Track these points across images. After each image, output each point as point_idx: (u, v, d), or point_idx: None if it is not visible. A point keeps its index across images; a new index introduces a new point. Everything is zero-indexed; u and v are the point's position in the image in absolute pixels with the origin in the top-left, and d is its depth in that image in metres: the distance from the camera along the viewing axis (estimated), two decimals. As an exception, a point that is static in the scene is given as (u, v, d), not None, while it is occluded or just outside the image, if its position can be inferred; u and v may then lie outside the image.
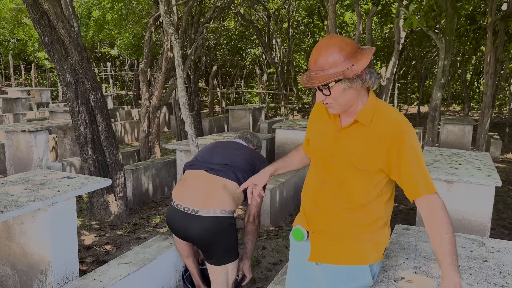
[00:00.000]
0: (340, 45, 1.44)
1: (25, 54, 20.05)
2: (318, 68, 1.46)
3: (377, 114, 1.55)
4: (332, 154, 1.61)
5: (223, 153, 2.45)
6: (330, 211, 1.63)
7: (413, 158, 1.49)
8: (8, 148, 5.93)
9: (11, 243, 2.77)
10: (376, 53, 18.50)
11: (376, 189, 1.58)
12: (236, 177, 2.31)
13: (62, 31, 3.78)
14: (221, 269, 2.30)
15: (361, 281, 1.62)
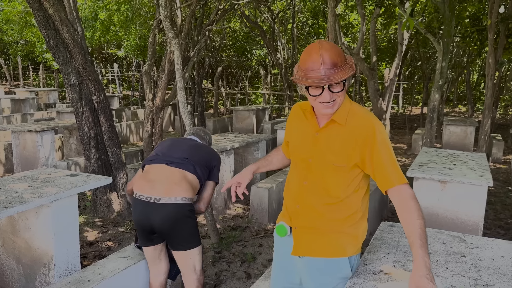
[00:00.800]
0: (336, 46, 1.58)
1: (34, 55, 20.35)
2: (330, 66, 1.52)
3: (350, 114, 1.67)
4: (312, 154, 1.72)
5: (182, 149, 2.60)
6: (311, 207, 1.74)
7: (384, 152, 1.62)
8: (15, 147, 6.10)
9: (16, 237, 2.91)
10: (381, 54, 18.54)
11: (353, 184, 1.70)
12: (195, 169, 2.48)
13: (66, 34, 3.92)
14: (186, 255, 2.41)
15: (341, 272, 1.72)
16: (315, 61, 1.53)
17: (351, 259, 1.74)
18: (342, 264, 1.72)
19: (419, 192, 3.89)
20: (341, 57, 1.55)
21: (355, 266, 1.78)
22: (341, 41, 10.28)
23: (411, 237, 1.52)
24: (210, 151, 2.74)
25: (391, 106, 12.11)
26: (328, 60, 1.52)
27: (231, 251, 3.74)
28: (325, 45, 1.55)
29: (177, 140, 2.73)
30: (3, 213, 2.37)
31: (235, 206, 4.99)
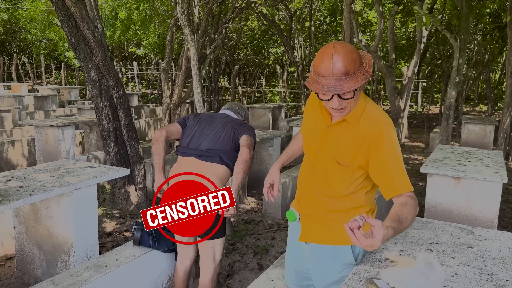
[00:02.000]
0: (352, 49, 1.48)
1: (56, 54, 20.84)
2: (342, 74, 1.45)
3: (364, 115, 1.65)
4: (321, 146, 1.75)
5: (209, 137, 2.62)
6: (315, 197, 1.80)
7: (391, 158, 1.59)
8: (38, 142, 6.30)
9: (39, 225, 3.04)
10: (399, 52, 18.34)
11: (356, 183, 1.72)
12: (221, 159, 2.53)
13: (87, 31, 4.06)
14: (209, 244, 2.50)
15: (343, 259, 1.77)
16: (327, 68, 1.46)
17: (355, 248, 1.78)
18: (345, 252, 1.77)
19: (433, 188, 3.89)
20: (355, 63, 1.47)
21: (360, 255, 1.82)
22: (359, 38, 10.25)
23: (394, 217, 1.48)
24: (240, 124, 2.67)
25: (409, 104, 12.01)
26: (339, 68, 1.45)
27: (244, 243, 3.81)
28: (339, 49, 1.46)
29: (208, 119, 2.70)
30: (26, 200, 2.50)
31: (249, 200, 5.07)
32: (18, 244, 3.19)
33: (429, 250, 1.98)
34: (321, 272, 1.82)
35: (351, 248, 1.77)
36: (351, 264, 1.79)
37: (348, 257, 1.77)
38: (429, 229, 2.26)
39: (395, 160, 1.60)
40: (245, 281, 3.14)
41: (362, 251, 1.84)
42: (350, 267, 1.79)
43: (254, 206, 4.89)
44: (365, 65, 1.51)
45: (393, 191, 1.61)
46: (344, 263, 1.78)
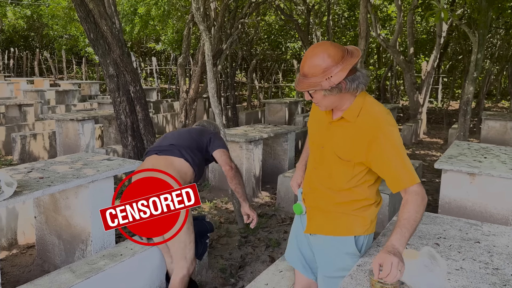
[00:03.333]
0: (323, 56, 1.57)
1: (77, 49, 21.25)
2: (302, 75, 1.63)
3: (363, 112, 1.69)
4: (324, 142, 1.80)
5: (171, 137, 2.70)
6: (319, 191, 1.85)
7: (393, 153, 1.62)
8: (58, 135, 6.48)
9: (58, 215, 3.16)
10: (420, 47, 18.05)
11: (358, 177, 1.76)
12: (181, 153, 2.54)
13: (105, 28, 4.16)
14: (178, 242, 2.46)
15: (346, 249, 1.82)
16: (300, 66, 1.67)
17: (359, 238, 1.82)
18: (348, 242, 1.81)
19: (447, 184, 3.86)
20: (315, 69, 1.59)
21: (365, 245, 1.85)
22: (377, 33, 10.14)
23: (396, 223, 1.59)
24: (201, 131, 2.77)
25: (428, 100, 11.83)
26: (302, 68, 1.64)
27: (257, 236, 3.87)
28: (311, 51, 1.62)
29: (173, 131, 2.86)
30: (46, 191, 2.61)
31: (263, 194, 5.12)
32: (39, 234, 3.32)
33: (436, 245, 1.99)
34: (325, 261, 1.87)
35: (354, 238, 1.81)
36: (355, 255, 1.83)
37: (351, 246, 1.81)
38: (438, 224, 2.27)
39: (396, 155, 1.63)
40: (256, 272, 3.20)
41: (367, 243, 1.87)
42: (354, 258, 1.83)
43: (267, 201, 4.94)
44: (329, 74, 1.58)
45: (397, 186, 1.65)
46: (347, 252, 1.82)
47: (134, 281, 2.57)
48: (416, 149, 8.87)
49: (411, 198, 1.60)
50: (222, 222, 4.23)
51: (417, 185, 1.63)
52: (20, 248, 3.59)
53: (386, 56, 18.28)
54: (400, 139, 1.67)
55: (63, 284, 2.18)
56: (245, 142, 4.92)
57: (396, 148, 1.63)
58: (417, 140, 9.92)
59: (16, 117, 8.58)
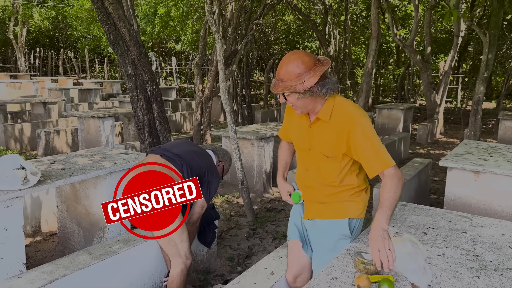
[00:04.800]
0: (297, 63, 1.78)
1: (99, 49, 21.80)
2: (279, 79, 1.82)
3: (335, 111, 1.89)
4: (309, 144, 2.00)
5: (182, 149, 2.73)
6: (315, 188, 2.05)
7: (365, 141, 1.82)
8: (80, 131, 6.80)
9: (78, 204, 3.40)
10: (439, 46, 17.86)
11: (346, 169, 1.96)
12: (182, 167, 2.58)
13: (123, 29, 4.39)
14: (168, 242, 2.50)
15: (341, 230, 2.02)
16: (277, 71, 1.85)
17: (352, 221, 2.02)
18: (342, 224, 2.01)
19: (452, 182, 3.95)
20: (289, 74, 1.78)
21: (356, 228, 2.05)
22: (394, 32, 10.16)
23: (379, 204, 1.80)
24: (211, 166, 2.76)
25: (446, 100, 11.76)
26: (279, 73, 1.82)
27: (265, 229, 4.04)
28: (287, 58, 1.81)
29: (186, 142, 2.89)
30: (67, 180, 2.84)
31: (273, 190, 5.28)
32: (60, 221, 3.56)
33: (424, 234, 2.12)
34: (320, 242, 2.07)
35: (347, 220, 2.01)
36: (347, 236, 2.02)
37: (345, 229, 2.01)
38: (430, 215, 2.40)
39: (370, 143, 1.82)
40: (262, 262, 3.37)
41: (358, 227, 2.06)
42: (346, 239, 2.02)
43: (277, 196, 5.10)
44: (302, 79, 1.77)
45: (372, 171, 1.85)
46: (340, 233, 2.02)
47: (146, 264, 2.77)
48: (431, 148, 8.87)
49: (387, 180, 1.82)
50: (232, 215, 4.42)
51: (392, 168, 1.82)
52: (43, 235, 3.85)
53: (405, 55, 18.16)
54: (371, 128, 1.86)
55: (81, 264, 2.40)
56: (256, 139, 5.09)
57: (368, 136, 1.83)
58: (433, 140, 9.90)
59: (41, 114, 8.97)
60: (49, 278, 2.23)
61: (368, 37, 17.98)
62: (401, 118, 9.38)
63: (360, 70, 18.95)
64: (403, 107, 9.57)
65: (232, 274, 3.19)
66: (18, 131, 7.52)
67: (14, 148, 7.44)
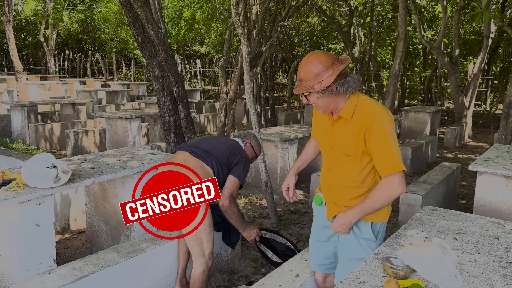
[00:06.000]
0: (315, 63, 1.81)
1: (126, 52, 22.23)
2: (299, 80, 1.87)
3: (358, 109, 1.90)
4: (331, 144, 2.01)
5: (208, 143, 2.78)
6: (337, 189, 2.05)
7: (381, 141, 1.83)
8: (108, 132, 6.95)
9: (106, 203, 3.47)
10: (468, 48, 17.44)
11: (367, 169, 1.95)
12: (212, 164, 2.63)
13: (151, 32, 4.47)
14: (195, 240, 2.51)
15: (364, 235, 2.01)
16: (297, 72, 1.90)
17: (375, 225, 2.01)
18: (365, 228, 2.01)
19: (482, 187, 3.85)
20: (308, 74, 1.82)
21: (381, 232, 2.04)
22: (421, 34, 9.98)
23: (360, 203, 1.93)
24: (236, 149, 2.81)
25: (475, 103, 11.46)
26: (299, 74, 1.87)
27: (289, 231, 4.03)
28: (306, 58, 1.85)
29: (213, 137, 2.98)
30: (96, 179, 2.91)
31: (297, 192, 5.26)
32: (89, 220, 3.65)
33: (454, 239, 2.07)
34: (345, 244, 2.06)
35: (371, 225, 2.00)
36: (372, 240, 2.01)
37: (368, 233, 2.00)
38: (460, 221, 2.34)
39: (384, 143, 1.82)
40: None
41: (382, 230, 2.06)
42: (370, 243, 2.01)
43: (301, 198, 5.08)
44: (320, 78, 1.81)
45: (382, 171, 1.88)
46: (364, 238, 2.01)
47: (172, 262, 2.81)
48: (459, 153, 8.66)
49: (379, 187, 1.88)
50: (256, 216, 4.42)
51: (395, 175, 1.82)
52: (72, 233, 3.95)
53: (432, 57, 17.81)
54: (391, 128, 1.85)
55: (109, 261, 2.45)
56: (280, 141, 5.08)
57: (384, 135, 1.82)
58: (461, 144, 9.66)
59: (70, 115, 9.21)
60: (79, 274, 2.29)
61: (394, 39, 17.73)
62: (428, 121, 9.20)
63: (385, 72, 18.69)
64: (430, 110, 9.38)
65: (256, 276, 3.19)
66: (48, 131, 7.74)
67: (44, 147, 7.66)
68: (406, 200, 4.06)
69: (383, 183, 1.86)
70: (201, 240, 2.52)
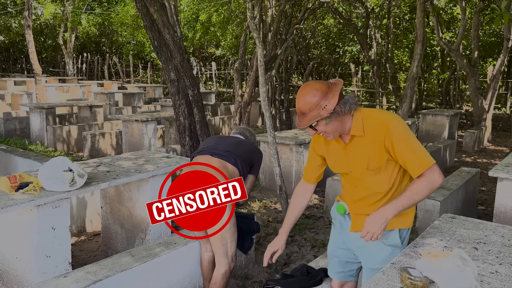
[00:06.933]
0: (312, 92, 1.80)
1: (143, 54, 22.47)
2: (301, 114, 1.85)
3: (366, 123, 1.89)
4: (349, 168, 1.99)
5: (226, 142, 2.78)
6: (365, 202, 2.02)
7: (403, 144, 1.82)
8: (124, 134, 7.01)
9: (121, 206, 3.49)
10: (487, 50, 17.10)
11: (394, 173, 1.93)
12: (236, 162, 2.64)
13: (167, 36, 4.49)
14: (220, 240, 2.51)
15: (390, 241, 2.00)
16: (296, 108, 1.88)
17: (403, 231, 2.01)
18: (392, 235, 1.99)
19: (503, 193, 3.76)
20: (310, 104, 1.79)
21: (405, 239, 2.02)
22: (439, 36, 9.82)
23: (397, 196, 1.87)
24: (253, 147, 2.91)
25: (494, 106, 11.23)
26: (298, 108, 1.84)
27: (303, 236, 3.99)
28: (299, 93, 1.84)
29: (222, 136, 2.98)
30: (112, 183, 2.92)
31: (312, 197, 5.22)
32: (104, 222, 3.67)
33: (474, 249, 2.01)
34: (370, 254, 2.03)
35: (398, 231, 1.99)
36: (398, 247, 2.00)
37: (395, 239, 1.99)
38: (480, 229, 2.27)
39: (406, 145, 1.82)
40: (301, 270, 3.32)
41: (407, 236, 2.04)
42: (396, 249, 1.99)
43: (316, 203, 5.03)
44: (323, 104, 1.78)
45: (414, 172, 1.85)
46: (391, 245, 1.99)
47: (186, 267, 2.80)
48: (479, 157, 8.49)
49: (417, 180, 1.84)
50: (270, 221, 4.40)
51: (429, 169, 1.81)
52: (87, 235, 3.99)
53: (451, 59, 17.53)
54: (405, 129, 1.85)
55: (123, 265, 2.46)
56: (295, 145, 5.05)
57: (403, 138, 1.82)
58: (480, 148, 9.47)
59: (87, 117, 9.33)
60: (93, 278, 2.30)
61: (411, 40, 17.49)
62: (446, 125, 9.04)
63: (402, 74, 18.46)
64: (449, 113, 9.22)
65: (270, 281, 3.16)
66: (66, 133, 7.86)
67: (61, 149, 7.77)
68: (424, 206, 3.98)
69: (423, 179, 1.83)
70: (226, 240, 2.54)
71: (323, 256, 2.67)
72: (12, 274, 2.70)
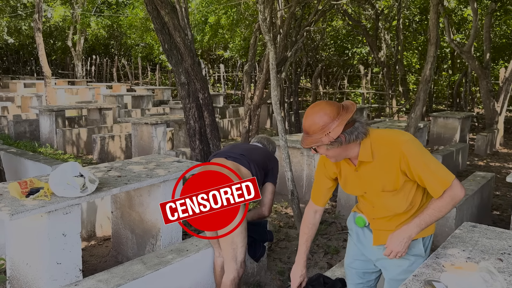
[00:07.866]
0: (320, 115, 1.72)
1: (152, 57, 22.53)
2: (305, 133, 1.78)
3: (375, 147, 1.80)
4: (363, 189, 1.92)
5: (241, 147, 2.81)
6: (384, 219, 1.96)
7: (420, 167, 1.76)
8: (134, 137, 6.99)
9: (132, 211, 3.45)
10: (499, 52, 16.90)
11: (412, 192, 1.86)
12: (249, 165, 2.63)
13: (178, 39, 4.45)
14: (230, 244, 2.49)
15: (414, 251, 1.94)
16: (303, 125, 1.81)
17: (426, 240, 1.96)
18: (416, 245, 1.94)
19: (521, 199, 3.66)
20: (314, 126, 1.72)
21: (428, 247, 1.98)
22: (450, 38, 9.71)
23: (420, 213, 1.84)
24: (268, 154, 2.90)
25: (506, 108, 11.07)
26: (304, 126, 1.78)
27: (316, 243, 3.92)
28: (308, 112, 1.77)
29: (239, 143, 3.02)
30: (123, 188, 2.88)
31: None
32: (114, 227, 3.63)
33: (499, 260, 1.94)
34: (393, 264, 1.97)
35: (422, 240, 1.94)
36: (421, 256, 1.94)
37: (419, 249, 1.93)
38: (504, 239, 2.19)
39: (423, 167, 1.76)
40: (314, 278, 3.25)
41: (430, 242, 2.00)
42: (419, 258, 1.94)
43: (328, 208, 4.96)
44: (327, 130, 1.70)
45: (435, 193, 1.79)
46: (414, 254, 1.94)
47: (197, 275, 2.75)
48: (491, 160, 8.35)
49: (441, 198, 1.78)
50: (282, 226, 4.33)
51: (451, 187, 1.76)
52: (97, 240, 3.95)
53: (461, 61, 17.34)
54: (419, 148, 1.78)
55: (135, 273, 2.41)
56: (306, 149, 4.98)
57: (418, 160, 1.76)
58: (492, 151, 9.32)
59: (97, 120, 9.34)
60: (105, 287, 2.25)
61: (421, 42, 17.35)
62: (458, 128, 8.91)
63: (412, 76, 18.29)
64: (460, 115, 9.09)
65: (283, 289, 3.10)
66: (75, 135, 7.86)
67: (71, 152, 7.77)
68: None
69: (445, 196, 1.78)
70: (236, 244, 2.51)
71: (339, 265, 2.60)
72: (22, 281, 2.67)
